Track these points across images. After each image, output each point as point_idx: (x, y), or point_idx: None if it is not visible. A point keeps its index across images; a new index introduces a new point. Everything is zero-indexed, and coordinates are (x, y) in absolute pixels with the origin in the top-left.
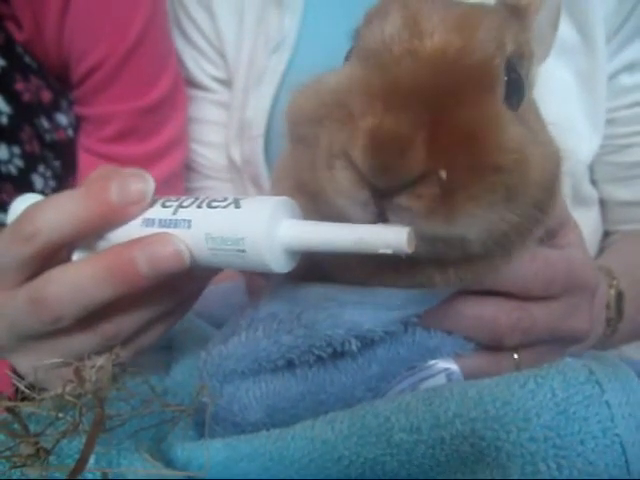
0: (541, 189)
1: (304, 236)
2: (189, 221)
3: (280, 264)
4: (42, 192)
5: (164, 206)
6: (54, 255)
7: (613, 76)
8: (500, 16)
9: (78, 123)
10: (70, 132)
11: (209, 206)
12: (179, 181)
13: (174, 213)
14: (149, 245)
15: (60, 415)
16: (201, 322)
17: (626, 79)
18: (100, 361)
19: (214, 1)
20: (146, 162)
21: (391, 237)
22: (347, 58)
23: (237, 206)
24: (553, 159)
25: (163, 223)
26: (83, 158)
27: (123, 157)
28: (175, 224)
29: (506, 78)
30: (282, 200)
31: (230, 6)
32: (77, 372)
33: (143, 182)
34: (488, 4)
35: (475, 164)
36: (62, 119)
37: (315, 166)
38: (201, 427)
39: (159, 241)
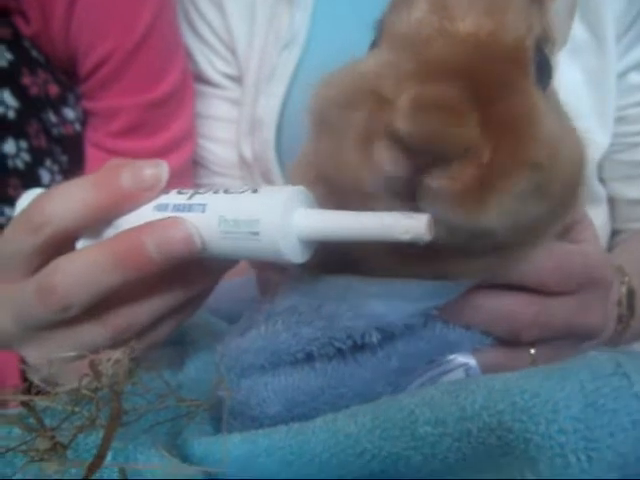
0: (568, 184)
1: (319, 225)
2: (204, 205)
3: (295, 253)
4: (49, 186)
5: (180, 192)
6: (64, 244)
7: (623, 74)
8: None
9: (86, 117)
10: (77, 126)
11: (226, 192)
12: (188, 177)
13: (189, 198)
14: (159, 229)
15: (76, 409)
16: (213, 317)
17: (636, 77)
18: (116, 355)
19: None
20: (154, 157)
21: (410, 224)
22: (371, 49)
23: (254, 192)
24: (579, 149)
25: (177, 208)
26: (91, 153)
27: (131, 152)
28: (189, 208)
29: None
30: (298, 189)
31: (241, 3)
32: (93, 366)
33: (156, 167)
34: None
35: (515, 154)
36: (69, 113)
37: (343, 153)
38: (217, 422)
39: (169, 225)
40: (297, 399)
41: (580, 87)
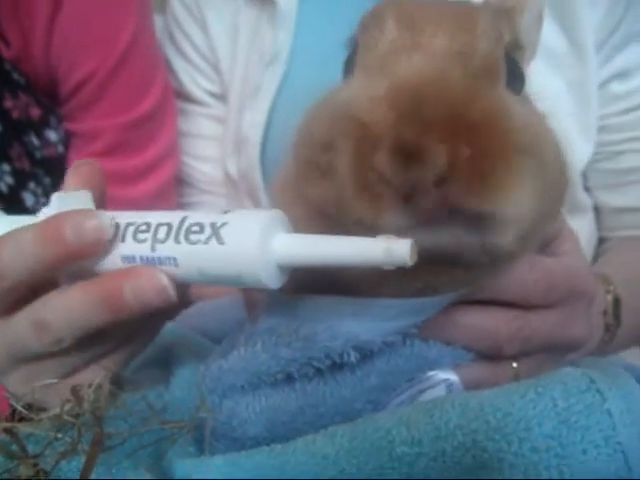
0: (556, 172)
1: (299, 251)
2: (174, 259)
3: (273, 280)
4: (33, 209)
5: (137, 240)
6: (31, 289)
7: (604, 84)
8: (493, 11)
9: (68, 139)
10: (60, 148)
11: (188, 240)
12: (172, 194)
13: (153, 249)
14: (136, 278)
15: (59, 435)
16: (200, 337)
17: (617, 87)
18: (97, 379)
19: (208, 16)
20: (138, 175)
21: (392, 249)
22: (346, 67)
23: (220, 240)
24: (560, 147)
25: (146, 261)
26: None
27: (114, 172)
28: (160, 262)
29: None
30: (274, 214)
31: (224, 21)
32: (74, 392)
33: (97, 219)
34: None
35: (496, 146)
36: (52, 135)
37: (336, 191)
38: (201, 443)
39: (145, 275)
40: (278, 420)
41: (562, 97)
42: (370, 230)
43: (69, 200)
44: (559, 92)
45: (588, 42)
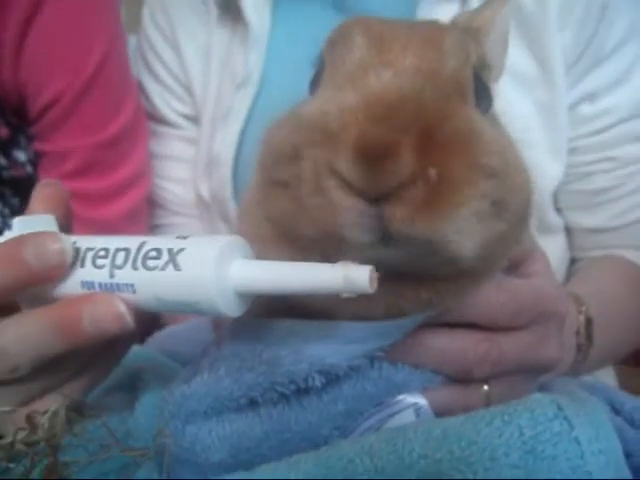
0: (523, 196)
1: (258, 279)
2: (132, 285)
3: (232, 308)
4: (0, 230)
5: (96, 265)
6: None
7: (573, 106)
8: (460, 31)
9: (38, 159)
10: (29, 168)
11: (146, 267)
12: (143, 215)
13: (111, 276)
14: (93, 305)
15: (11, 465)
16: (167, 360)
17: (586, 109)
18: (53, 407)
19: (181, 38)
20: (108, 197)
21: (351, 277)
22: (312, 85)
23: (176, 266)
24: (527, 170)
25: (104, 287)
26: None
27: (84, 193)
28: (118, 288)
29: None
30: (227, 242)
31: (196, 43)
32: (29, 419)
33: (60, 242)
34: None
35: (463, 167)
36: (20, 155)
37: (300, 203)
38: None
39: (103, 302)
40: (242, 445)
41: (532, 119)
42: (331, 243)
43: (31, 224)
44: (529, 114)
45: (557, 65)
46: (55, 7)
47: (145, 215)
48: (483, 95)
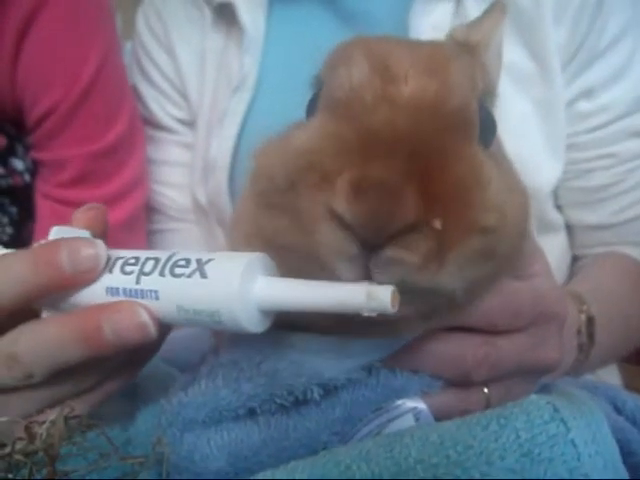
0: (516, 242)
1: (281, 297)
2: (156, 292)
3: (257, 325)
4: None
5: (124, 272)
6: (11, 316)
7: (571, 103)
8: (466, 55)
9: (36, 168)
10: (27, 177)
11: (173, 274)
12: (141, 223)
13: (137, 282)
14: (116, 314)
15: (9, 476)
16: (167, 367)
17: (584, 105)
18: (51, 416)
19: (176, 43)
20: (106, 205)
21: (374, 297)
22: (310, 108)
23: (203, 274)
24: (525, 205)
25: (128, 293)
26: (41, 204)
27: (81, 201)
28: (142, 294)
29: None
30: (253, 258)
31: (191, 48)
32: (27, 429)
33: (94, 248)
34: (441, 41)
35: (464, 221)
36: (18, 164)
37: (292, 236)
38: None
39: (126, 310)
40: (240, 454)
41: (529, 118)
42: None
43: (68, 232)
44: (526, 112)
45: (554, 61)
46: (50, 17)
47: (144, 222)
48: (487, 125)
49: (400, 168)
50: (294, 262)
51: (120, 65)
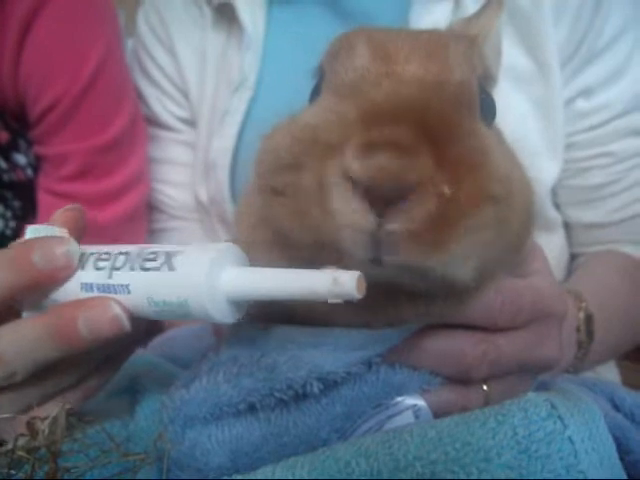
0: (523, 219)
1: (249, 286)
2: (127, 286)
3: (226, 315)
4: (2, 233)
5: (97, 268)
6: None
7: (569, 102)
8: (465, 40)
9: (38, 163)
10: (29, 172)
11: (143, 268)
12: (141, 219)
13: (109, 277)
14: (89, 309)
15: (12, 472)
16: (167, 364)
17: (582, 104)
18: (53, 413)
19: (176, 42)
20: (106, 200)
21: (339, 282)
22: (313, 97)
23: (171, 267)
24: (529, 183)
25: (101, 288)
26: (43, 198)
27: (82, 196)
28: (114, 289)
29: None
30: (222, 249)
31: (192, 47)
32: (29, 426)
33: (66, 245)
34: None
35: (471, 192)
36: (20, 159)
37: (298, 211)
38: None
39: (98, 306)
40: (241, 450)
41: (528, 116)
42: (327, 252)
43: (43, 231)
44: (525, 111)
45: (553, 61)
46: (53, 14)
47: (144, 219)
48: (488, 108)
49: (409, 132)
50: (299, 252)
51: (122, 61)
